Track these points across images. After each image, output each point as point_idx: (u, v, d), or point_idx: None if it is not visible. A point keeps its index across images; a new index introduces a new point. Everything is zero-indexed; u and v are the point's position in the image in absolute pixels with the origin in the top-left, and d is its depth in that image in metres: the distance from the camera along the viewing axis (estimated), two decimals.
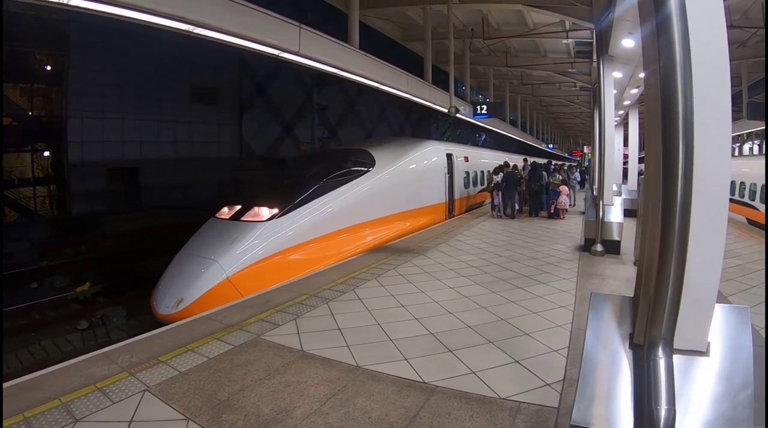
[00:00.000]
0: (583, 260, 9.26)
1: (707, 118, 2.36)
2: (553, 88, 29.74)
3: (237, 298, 6.82)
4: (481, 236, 11.92)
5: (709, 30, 2.35)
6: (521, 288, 7.23)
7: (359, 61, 10.20)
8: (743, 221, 17.25)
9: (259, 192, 10.55)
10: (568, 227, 13.74)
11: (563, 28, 16.93)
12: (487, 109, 18.12)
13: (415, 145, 14.28)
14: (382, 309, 6.17)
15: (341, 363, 4.52)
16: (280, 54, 8.03)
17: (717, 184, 2.44)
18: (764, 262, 8.25)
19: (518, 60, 22.35)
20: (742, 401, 2.44)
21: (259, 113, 25.47)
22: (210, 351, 4.77)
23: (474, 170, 18.85)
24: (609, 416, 2.47)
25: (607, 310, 2.86)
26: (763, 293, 7.37)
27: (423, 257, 9.28)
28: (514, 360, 4.63)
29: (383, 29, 17.76)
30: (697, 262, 2.45)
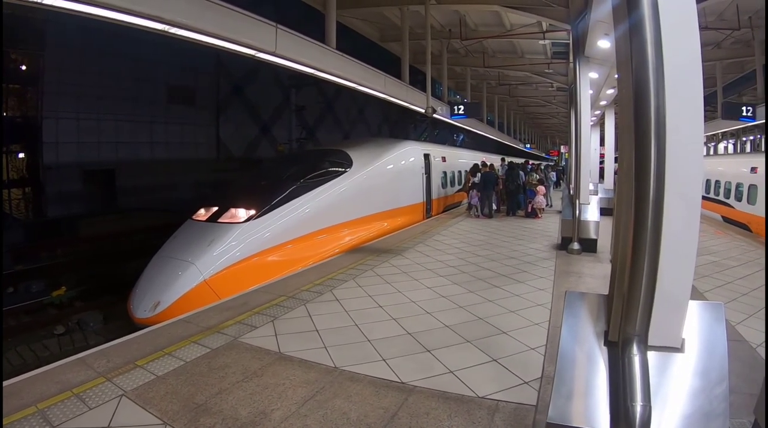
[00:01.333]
0: (560, 258, 9.39)
1: (679, 118, 2.39)
2: (531, 88, 29.98)
3: (214, 300, 6.78)
4: (458, 236, 12.00)
5: (682, 31, 2.39)
6: (499, 287, 7.30)
7: (336, 62, 10.16)
8: (719, 219, 17.58)
9: (236, 193, 10.48)
10: (545, 226, 13.89)
11: (540, 29, 17.03)
12: (464, 110, 18.19)
13: (393, 145, 14.32)
14: (360, 309, 6.18)
15: (319, 365, 4.51)
16: (257, 54, 7.97)
17: (689, 182, 2.49)
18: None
19: (495, 60, 22.47)
20: (718, 395, 2.48)
21: (236, 114, 25.27)
22: (187, 355, 4.74)
23: (452, 170, 18.98)
24: (585, 413, 2.51)
25: (582, 308, 2.88)
26: (738, 289, 7.53)
27: (401, 257, 9.31)
28: (491, 359, 4.67)
29: (361, 30, 17.74)
30: (670, 260, 2.49)
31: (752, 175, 15.53)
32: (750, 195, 15.58)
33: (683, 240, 2.52)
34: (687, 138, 2.43)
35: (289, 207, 9.38)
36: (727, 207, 17.65)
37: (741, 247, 11.22)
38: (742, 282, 7.96)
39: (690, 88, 2.42)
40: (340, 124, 31.43)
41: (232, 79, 24.77)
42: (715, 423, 2.40)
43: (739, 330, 5.67)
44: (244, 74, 24.71)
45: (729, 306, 6.53)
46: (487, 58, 21.98)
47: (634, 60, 2.35)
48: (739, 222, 15.91)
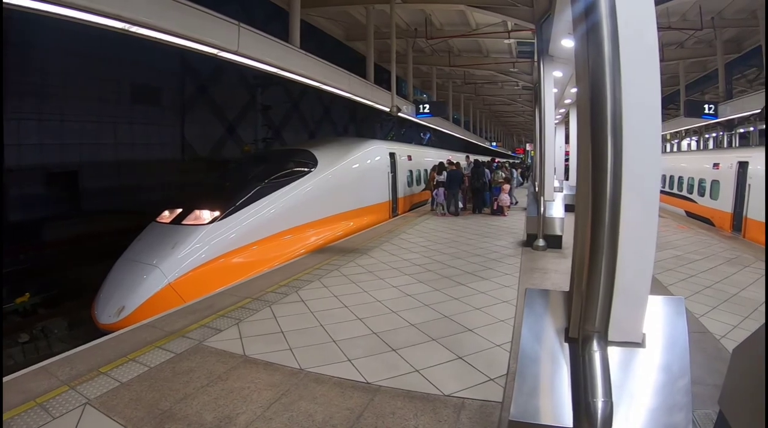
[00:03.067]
0: (525, 255, 9.52)
1: (636, 116, 2.42)
2: (496, 87, 30.15)
3: (179, 304, 6.70)
4: (424, 234, 12.07)
5: (640, 30, 2.43)
6: (464, 284, 7.37)
7: (300, 61, 10.09)
8: (682, 214, 18.11)
9: (200, 194, 10.36)
10: (510, 223, 14.07)
11: (505, 29, 17.18)
12: (429, 108, 18.24)
13: (358, 144, 14.35)
14: (325, 310, 6.17)
15: (284, 367, 4.50)
16: (219, 53, 7.86)
17: (646, 180, 2.51)
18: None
19: (461, 59, 22.58)
20: (680, 388, 2.54)
21: (201, 114, 24.76)
22: (151, 360, 4.68)
23: (417, 169, 19.11)
24: (547, 410, 2.53)
25: (542, 305, 2.89)
26: (701, 282, 7.75)
27: (366, 256, 9.34)
28: (457, 357, 4.72)
29: (327, 29, 17.66)
30: (629, 256, 2.51)
31: (714, 171, 16.01)
32: (712, 190, 16.04)
33: (641, 237, 2.55)
34: (644, 136, 2.46)
35: (253, 208, 9.33)
36: (690, 202, 18.15)
37: (704, 241, 11.57)
38: (705, 275, 8.21)
39: (647, 87, 2.46)
40: (307, 123, 31.16)
41: (197, 78, 24.29)
42: (678, 416, 2.46)
43: (703, 322, 5.84)
44: (209, 73, 24.28)
45: (692, 299, 6.76)
46: (453, 57, 22.07)
47: (591, 58, 2.38)
48: (702, 217, 16.42)
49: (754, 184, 13.03)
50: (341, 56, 16.28)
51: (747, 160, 13.61)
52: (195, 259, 8.08)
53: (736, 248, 10.74)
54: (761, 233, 11.94)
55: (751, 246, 11.22)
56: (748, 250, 10.48)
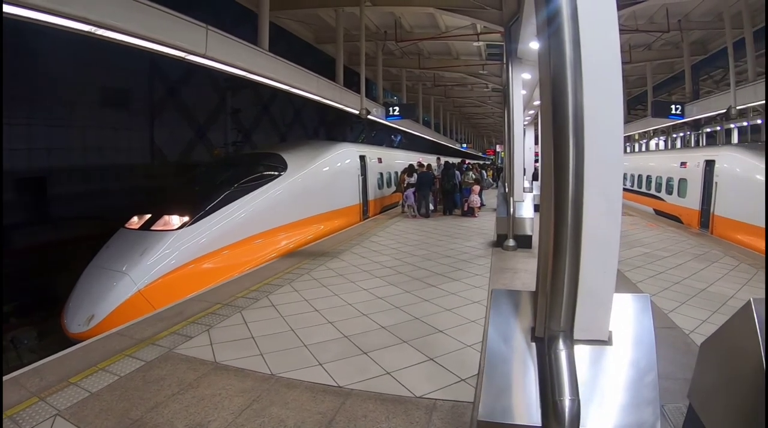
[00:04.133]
0: (495, 255, 9.60)
1: (598, 117, 2.43)
2: (466, 89, 30.34)
3: (149, 311, 6.62)
4: (395, 236, 12.11)
5: (601, 32, 2.44)
6: (435, 286, 7.43)
7: (268, 64, 10.07)
8: (651, 212, 18.46)
9: (169, 200, 10.26)
10: (481, 224, 14.19)
11: (475, 31, 17.34)
12: (399, 111, 18.31)
13: (328, 147, 14.33)
14: (296, 314, 6.16)
15: (255, 373, 4.49)
16: (187, 56, 7.81)
17: (609, 180, 2.52)
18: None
19: (431, 62, 22.72)
20: (648, 384, 2.56)
21: (171, 117, 24.39)
22: (121, 369, 4.62)
23: (388, 171, 19.17)
24: (515, 410, 2.54)
25: (508, 305, 2.89)
26: (670, 278, 7.94)
27: (337, 260, 9.34)
28: (428, 358, 4.75)
29: (296, 31, 17.59)
30: (592, 256, 2.52)
31: (682, 170, 16.32)
32: (680, 189, 16.39)
33: (605, 236, 2.56)
34: (606, 137, 2.47)
35: (223, 212, 9.28)
36: (658, 200, 18.49)
37: (672, 238, 11.88)
38: (673, 271, 8.40)
39: (609, 89, 2.47)
40: (277, 126, 30.95)
41: (166, 81, 23.95)
42: (647, 412, 2.49)
43: (672, 317, 5.98)
44: (179, 76, 23.94)
45: (661, 295, 6.91)
46: (423, 59, 22.21)
47: (552, 60, 2.39)
48: (670, 215, 16.78)
49: (720, 181, 13.35)
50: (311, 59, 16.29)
51: (714, 159, 13.92)
52: (164, 266, 8.00)
53: (704, 244, 11.03)
54: (729, 229, 12.32)
55: (719, 242, 11.54)
56: (716, 246, 10.77)
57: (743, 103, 14.32)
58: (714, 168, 13.74)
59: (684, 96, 19.20)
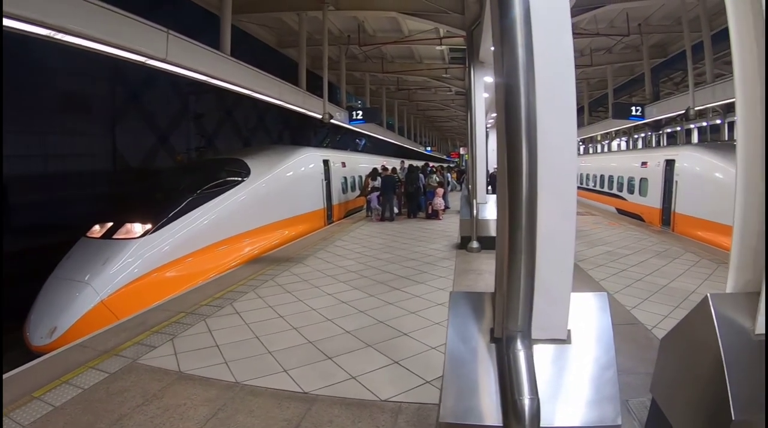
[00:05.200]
0: (459, 257, 9.73)
1: (551, 120, 2.47)
2: (430, 92, 30.49)
3: (113, 321, 6.53)
4: (359, 240, 12.17)
5: (554, 36, 2.48)
6: (399, 289, 7.49)
7: (230, 68, 10.01)
8: (614, 211, 18.91)
9: (131, 207, 10.09)
10: (445, 226, 14.32)
11: (437, 36, 17.52)
12: (362, 115, 18.36)
13: (291, 152, 14.34)
14: (260, 321, 6.15)
15: (220, 381, 4.47)
16: (147, 61, 7.72)
17: (563, 182, 2.58)
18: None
19: (394, 66, 22.79)
20: (608, 381, 2.61)
21: (133, 123, 23.74)
22: (85, 382, 4.54)
23: (352, 175, 19.25)
24: (476, 410, 2.55)
25: (467, 307, 2.91)
26: (632, 276, 8.16)
27: (301, 265, 9.34)
28: (393, 362, 4.79)
29: (260, 35, 17.48)
30: (548, 256, 2.57)
31: (643, 169, 16.80)
32: (641, 188, 16.84)
33: (560, 237, 2.61)
34: (559, 139, 2.52)
35: (186, 219, 9.23)
36: (620, 200, 18.95)
37: (634, 236, 12.21)
38: (636, 268, 8.64)
39: (562, 92, 2.53)
40: (241, 131, 30.51)
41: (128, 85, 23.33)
42: (608, 408, 2.53)
43: (634, 313, 6.15)
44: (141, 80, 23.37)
45: (624, 292, 7.10)
46: (386, 63, 22.26)
47: (505, 63, 2.40)
48: (632, 214, 17.24)
49: (681, 180, 13.80)
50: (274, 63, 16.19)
51: (674, 158, 14.37)
52: (127, 275, 7.92)
53: (665, 241, 11.37)
54: (689, 226, 12.75)
55: (680, 239, 11.93)
56: (677, 243, 11.12)
57: (702, 104, 14.77)
58: (674, 167, 14.18)
59: (644, 98, 19.68)
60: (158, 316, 6.47)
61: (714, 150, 13.37)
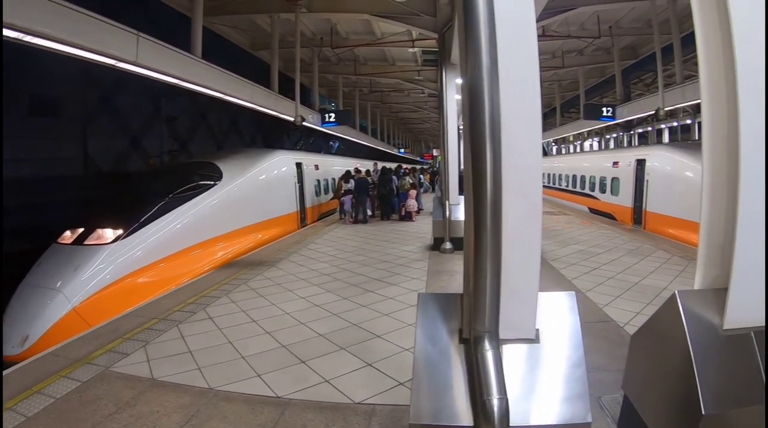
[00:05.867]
0: (432, 259, 9.78)
1: (515, 122, 2.50)
2: (403, 94, 30.61)
3: (85, 329, 6.44)
4: (333, 243, 12.19)
5: (519, 38, 2.52)
6: (372, 291, 7.53)
7: (201, 71, 10.00)
8: (586, 210, 19.24)
9: (103, 212, 9.98)
10: (418, 228, 14.38)
11: (410, 38, 17.65)
12: (335, 117, 18.38)
13: (263, 155, 14.29)
14: (234, 326, 6.12)
15: (193, 388, 4.44)
16: (117, 64, 7.67)
17: (528, 183, 2.60)
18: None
19: (367, 68, 22.87)
20: (578, 379, 2.67)
21: (105, 126, 23.28)
22: (57, 391, 4.46)
23: (325, 178, 19.22)
24: (446, 411, 2.58)
25: (436, 309, 2.92)
26: (604, 274, 8.31)
27: (275, 269, 9.32)
28: (366, 364, 4.83)
29: (233, 37, 17.44)
30: (514, 257, 2.60)
31: (614, 169, 17.12)
32: (613, 187, 17.16)
33: (526, 238, 2.64)
34: (524, 140, 2.55)
35: (158, 224, 9.16)
36: (593, 199, 19.28)
37: (606, 235, 12.43)
38: (608, 266, 8.82)
39: (526, 95, 2.55)
40: (214, 134, 30.15)
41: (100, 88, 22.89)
42: (578, 405, 2.59)
43: (607, 311, 6.28)
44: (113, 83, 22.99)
45: (596, 290, 7.23)
46: (359, 65, 22.34)
47: (469, 66, 2.44)
48: (604, 213, 17.56)
49: (651, 179, 14.13)
50: (247, 65, 16.13)
51: (644, 158, 14.70)
52: (99, 281, 7.83)
53: (637, 240, 11.61)
54: (660, 224, 13.06)
55: (651, 237, 12.18)
56: (649, 241, 11.36)
57: (671, 105, 15.13)
58: (645, 166, 14.49)
59: (615, 99, 20.00)
60: (131, 323, 6.39)
61: (684, 149, 13.72)
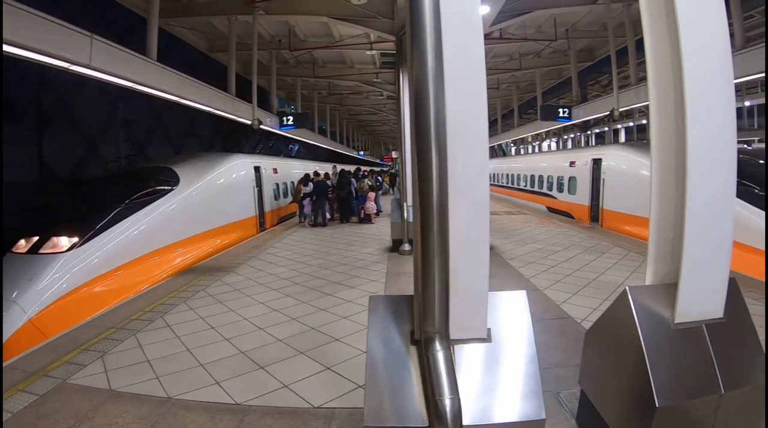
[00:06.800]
0: (391, 260, 9.89)
1: (461, 125, 2.52)
2: (361, 97, 30.80)
3: (42, 340, 6.30)
4: (292, 247, 12.20)
5: (464, 43, 2.53)
6: (331, 294, 7.60)
7: (156, 74, 9.95)
8: (544, 209, 19.68)
9: (58, 220, 9.81)
10: (377, 230, 14.48)
11: (368, 40, 17.79)
12: (293, 120, 18.35)
13: (221, 159, 14.21)
14: (192, 333, 6.08)
15: (152, 398, 4.38)
16: (71, 67, 7.57)
17: (475, 184, 2.62)
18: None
19: (326, 71, 22.92)
20: (530, 376, 2.71)
21: (61, 130, 22.52)
22: (14, 406, 4.33)
23: (284, 181, 19.19)
24: (400, 413, 2.59)
25: (387, 311, 2.95)
26: (562, 271, 8.52)
27: (233, 274, 9.28)
28: (325, 368, 4.87)
29: (190, 40, 17.25)
30: (462, 257, 2.63)
31: (571, 169, 17.58)
32: (570, 186, 17.61)
33: (474, 239, 2.65)
34: (470, 143, 2.56)
35: (115, 230, 9.07)
36: (551, 198, 19.75)
37: (564, 233, 12.74)
38: (565, 264, 9.06)
39: (473, 97, 2.56)
40: (171, 138, 29.50)
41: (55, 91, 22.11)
42: (532, 403, 2.63)
43: (564, 308, 6.46)
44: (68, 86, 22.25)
45: (554, 288, 7.42)
46: (318, 68, 22.38)
47: (414, 69, 2.47)
48: (562, 211, 18.02)
49: (607, 178, 14.57)
50: (205, 68, 16.01)
51: (601, 157, 15.14)
52: (56, 291, 7.70)
53: (594, 237, 11.96)
54: (617, 221, 13.51)
55: (608, 234, 12.56)
56: (606, 238, 11.72)
57: (626, 106, 15.70)
58: (601, 165, 14.91)
59: (572, 100, 20.44)
60: (88, 333, 6.26)
61: (638, 148, 14.17)
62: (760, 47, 9.92)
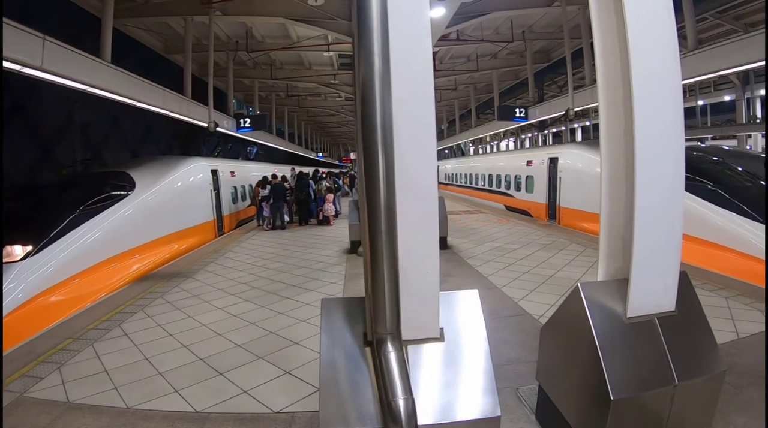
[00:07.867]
0: (350, 262, 9.99)
1: (408, 125, 2.54)
2: (320, 98, 30.85)
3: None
4: (250, 251, 12.18)
5: (412, 45, 2.55)
6: (290, 298, 7.64)
7: (110, 77, 9.84)
8: (503, 208, 20.03)
9: (11, 227, 9.49)
10: (336, 232, 14.54)
11: (326, 42, 17.84)
12: (250, 123, 18.23)
13: (177, 163, 14.08)
14: (150, 341, 6.02)
15: (110, 408, 4.32)
16: (22, 69, 7.43)
17: (423, 185, 2.63)
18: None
19: (283, 72, 22.90)
20: (484, 373, 2.75)
21: (15, 135, 21.73)
22: None
23: (242, 184, 19.13)
24: (354, 415, 2.60)
25: (339, 313, 2.97)
26: (520, 269, 8.68)
27: (191, 280, 9.22)
28: (285, 372, 4.90)
29: (146, 41, 17.01)
30: (412, 258, 2.65)
31: (528, 168, 18.01)
32: (528, 185, 18.00)
33: (422, 240, 2.68)
34: (417, 143, 2.58)
35: (70, 237, 8.93)
36: (509, 197, 20.15)
37: (522, 231, 13.00)
38: (523, 261, 9.25)
39: (421, 98, 2.58)
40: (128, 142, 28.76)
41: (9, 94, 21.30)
42: (487, 400, 2.67)
43: (522, 305, 6.62)
44: (22, 88, 21.46)
45: (512, 285, 7.60)
46: (275, 69, 22.34)
47: (361, 70, 2.47)
48: (520, 210, 18.41)
49: (564, 176, 14.94)
50: (162, 70, 15.78)
51: (557, 156, 15.57)
52: (10, 302, 7.51)
53: (551, 234, 12.25)
54: (573, 219, 13.87)
55: (565, 231, 12.89)
56: (563, 235, 12.03)
57: (580, 106, 16.09)
58: (557, 164, 15.32)
59: (528, 100, 20.89)
60: (45, 344, 6.12)
61: (593, 147, 14.43)
62: (714, 48, 10.51)
